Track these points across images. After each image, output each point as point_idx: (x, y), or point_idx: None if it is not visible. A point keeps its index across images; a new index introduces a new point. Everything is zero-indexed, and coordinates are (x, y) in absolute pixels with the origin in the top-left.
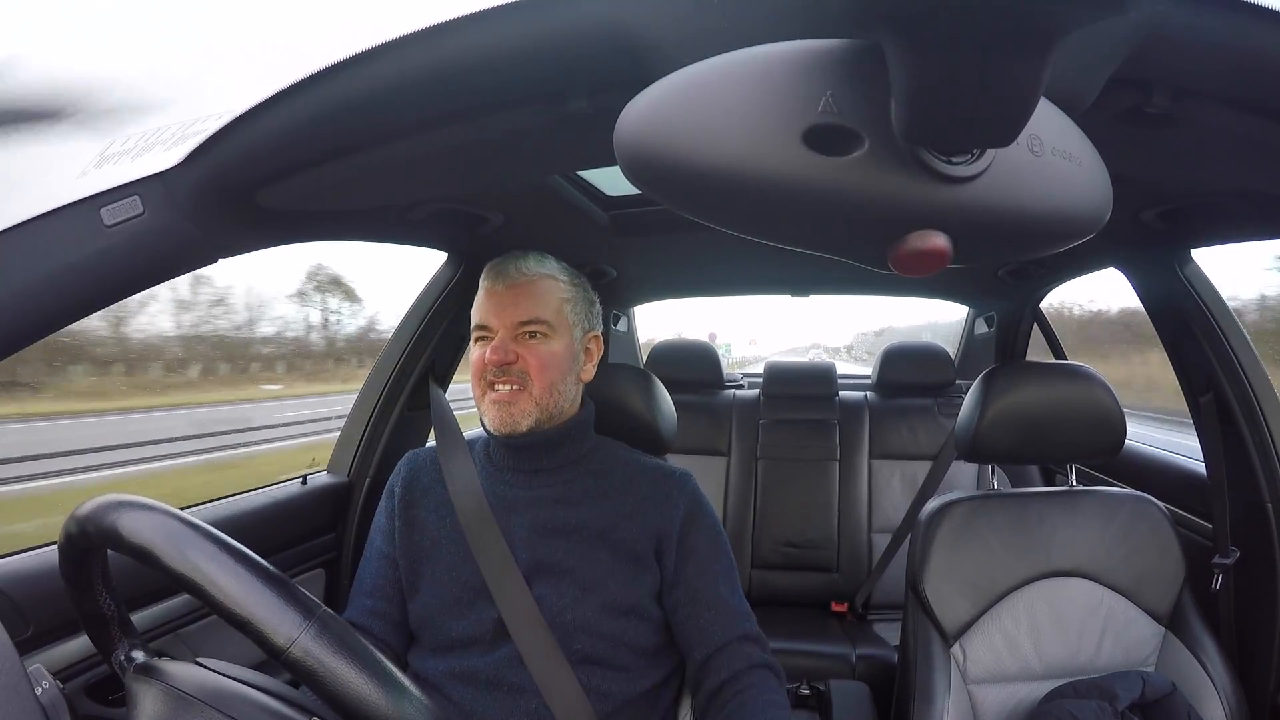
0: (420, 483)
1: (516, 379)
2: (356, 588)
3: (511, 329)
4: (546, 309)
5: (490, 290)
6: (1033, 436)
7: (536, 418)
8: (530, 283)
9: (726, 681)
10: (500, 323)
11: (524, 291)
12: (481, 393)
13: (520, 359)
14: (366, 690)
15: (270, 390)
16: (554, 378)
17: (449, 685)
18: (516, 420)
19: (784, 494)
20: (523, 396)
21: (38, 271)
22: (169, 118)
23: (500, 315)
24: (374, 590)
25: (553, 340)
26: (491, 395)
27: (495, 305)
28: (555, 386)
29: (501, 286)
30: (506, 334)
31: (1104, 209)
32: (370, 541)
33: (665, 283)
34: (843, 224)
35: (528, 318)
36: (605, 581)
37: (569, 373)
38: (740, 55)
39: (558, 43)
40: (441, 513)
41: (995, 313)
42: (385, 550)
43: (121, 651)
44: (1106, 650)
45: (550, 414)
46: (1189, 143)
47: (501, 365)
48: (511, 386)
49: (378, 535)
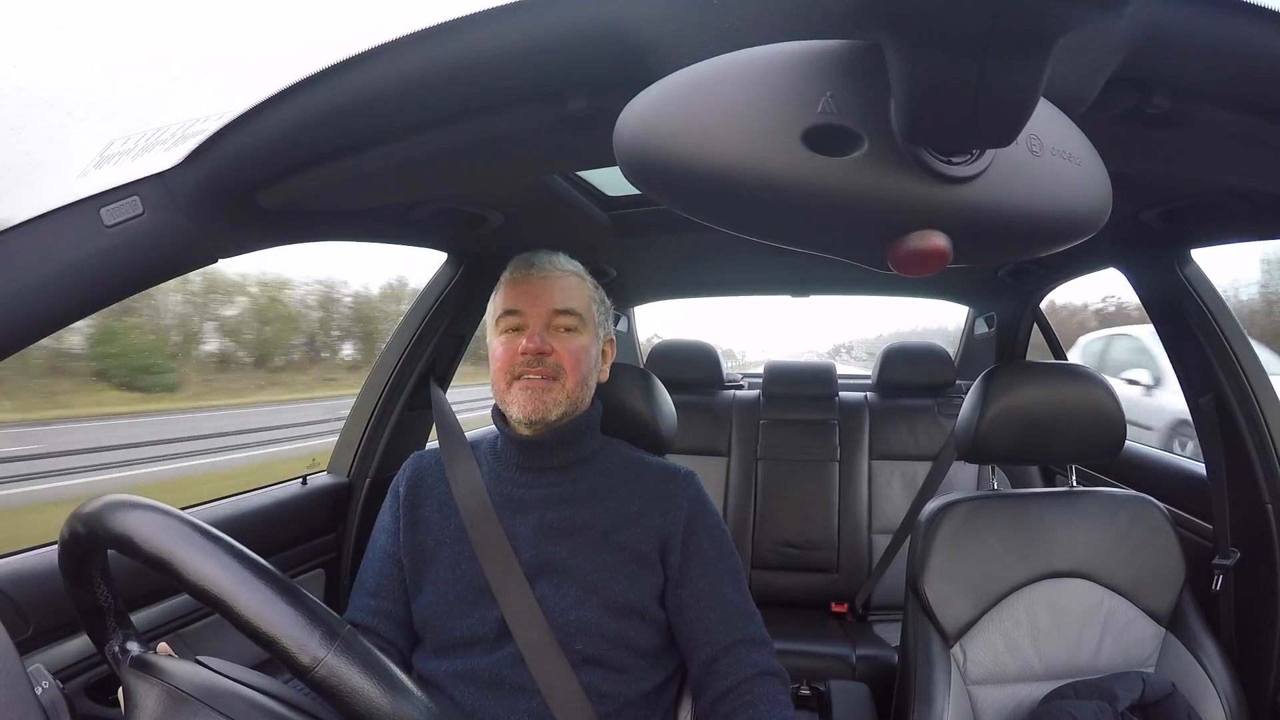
0: (425, 483)
1: (551, 371)
2: (358, 587)
3: (546, 317)
4: (579, 302)
5: (522, 279)
6: (1033, 437)
7: (565, 409)
8: (562, 276)
9: (732, 689)
10: (535, 310)
11: (557, 284)
12: (507, 383)
13: (555, 351)
14: (391, 713)
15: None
16: (585, 373)
17: (452, 685)
18: (548, 408)
19: (784, 494)
20: (555, 387)
21: (38, 271)
22: (169, 117)
23: (535, 302)
24: (378, 590)
25: (583, 335)
26: (522, 382)
27: (529, 292)
28: (586, 382)
29: (536, 275)
30: (539, 322)
31: (1104, 209)
32: (373, 541)
33: (665, 283)
34: (842, 224)
35: (564, 307)
36: (608, 582)
37: (594, 371)
38: (740, 55)
39: (558, 43)
40: (445, 513)
41: (995, 313)
42: (390, 549)
43: (116, 642)
44: (1107, 651)
45: (575, 409)
46: (1189, 143)
47: (538, 354)
48: (545, 377)
49: (382, 534)
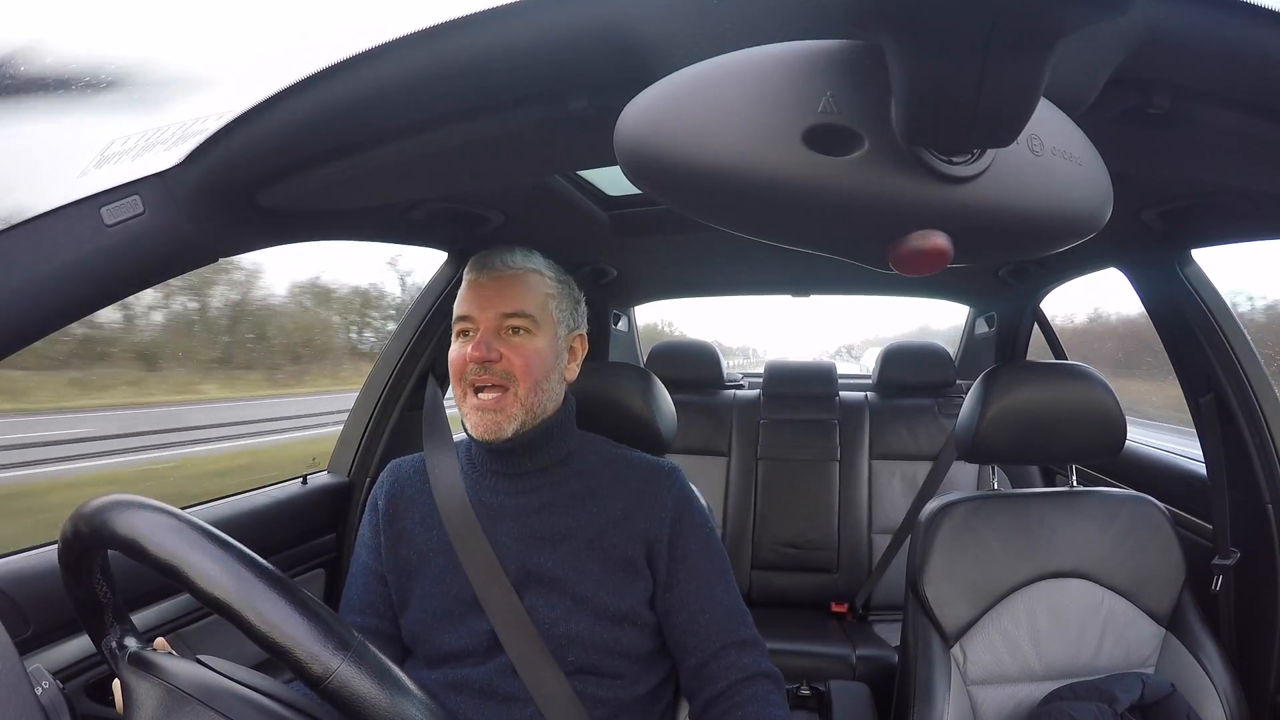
0: (405, 494)
1: (500, 379)
2: (345, 605)
3: (494, 322)
4: (531, 303)
5: (474, 282)
6: (1033, 437)
7: (522, 420)
8: (515, 276)
9: (724, 691)
10: (483, 315)
11: (508, 284)
12: (463, 394)
13: (504, 358)
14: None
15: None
16: (538, 377)
17: (444, 695)
18: (501, 426)
19: (784, 494)
20: (507, 400)
21: (38, 271)
22: (169, 118)
23: (483, 307)
24: (364, 607)
25: (536, 337)
26: (474, 401)
27: (478, 297)
28: (540, 386)
29: (486, 278)
30: (489, 327)
31: (1104, 209)
32: (356, 556)
33: (665, 283)
34: (843, 224)
35: (512, 310)
36: (597, 591)
37: (552, 371)
38: (740, 55)
39: (558, 43)
40: (428, 524)
41: (995, 313)
42: (372, 566)
43: (113, 638)
44: (1107, 651)
45: (534, 414)
46: (1189, 143)
47: (484, 363)
48: (494, 391)
49: (363, 550)
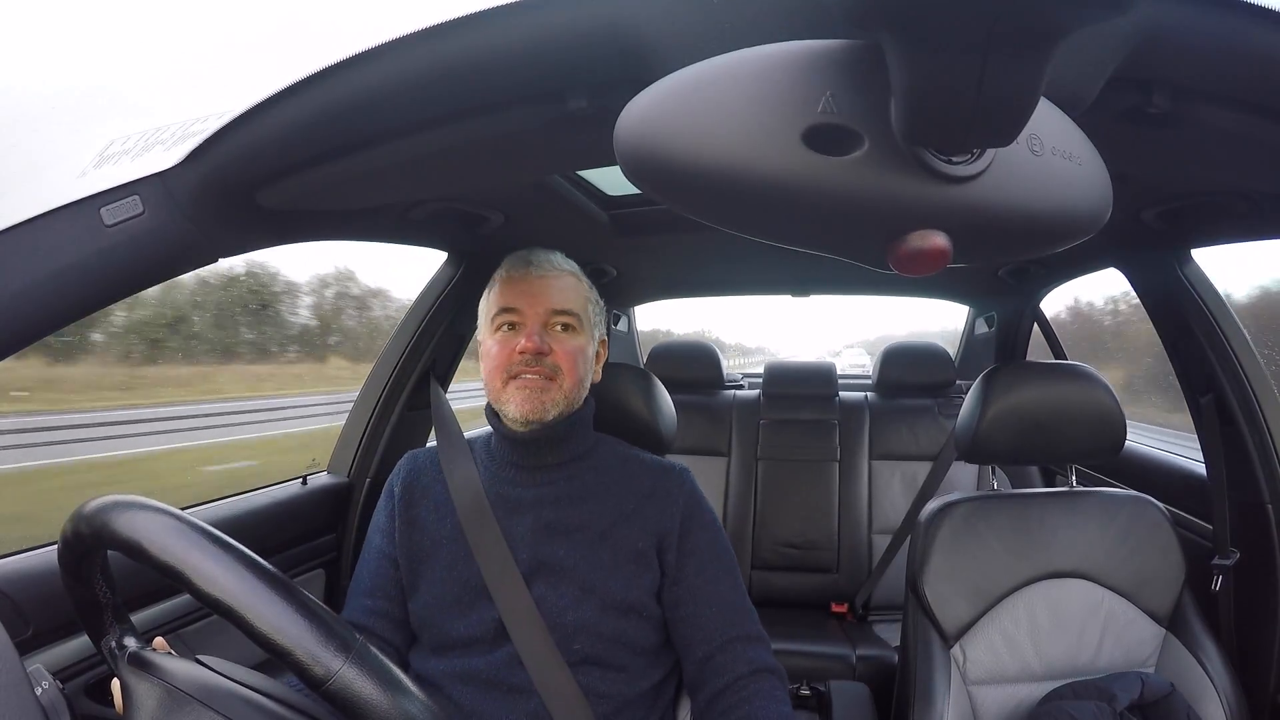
0: (420, 483)
1: (549, 371)
2: (354, 587)
3: (543, 316)
4: (576, 302)
5: (519, 277)
6: (1033, 437)
7: (561, 409)
8: (559, 276)
9: (729, 685)
10: (532, 309)
11: (554, 282)
12: (503, 383)
13: (553, 351)
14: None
15: None
16: (581, 374)
17: (449, 685)
18: (545, 408)
19: (784, 494)
20: (553, 387)
21: (38, 271)
22: (169, 118)
23: (533, 301)
24: (374, 590)
25: (579, 335)
26: (518, 381)
27: (528, 291)
28: (582, 383)
29: (534, 274)
30: (537, 322)
31: (1104, 209)
32: (369, 541)
33: (665, 283)
34: (843, 224)
35: (560, 307)
36: (606, 581)
37: (589, 372)
38: (740, 55)
39: (558, 43)
40: (441, 513)
41: (995, 313)
42: (385, 549)
43: (113, 637)
44: (1106, 651)
45: (570, 408)
46: (1189, 143)
47: (536, 354)
48: (543, 377)
49: (377, 534)
